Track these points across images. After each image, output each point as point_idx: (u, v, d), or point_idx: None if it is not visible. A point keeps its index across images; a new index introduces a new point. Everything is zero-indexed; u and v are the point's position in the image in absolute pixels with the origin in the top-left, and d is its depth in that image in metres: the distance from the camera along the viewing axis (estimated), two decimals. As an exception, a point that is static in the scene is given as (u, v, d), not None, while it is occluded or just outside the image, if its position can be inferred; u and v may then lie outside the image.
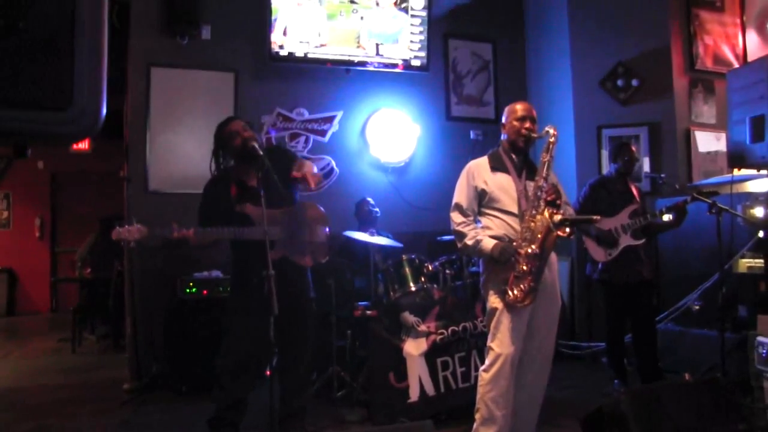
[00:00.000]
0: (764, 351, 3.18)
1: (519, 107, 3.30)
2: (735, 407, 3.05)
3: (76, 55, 1.10)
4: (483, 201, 3.24)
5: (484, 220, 3.26)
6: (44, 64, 1.07)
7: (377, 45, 5.69)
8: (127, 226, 3.21)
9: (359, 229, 4.89)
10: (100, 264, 7.28)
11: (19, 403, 4.54)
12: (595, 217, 3.46)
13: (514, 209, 3.16)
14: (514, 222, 3.15)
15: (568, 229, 3.03)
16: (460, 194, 3.28)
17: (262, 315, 3.37)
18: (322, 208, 3.64)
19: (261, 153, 3.20)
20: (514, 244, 3.06)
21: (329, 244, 3.62)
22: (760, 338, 3.23)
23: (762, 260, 4.28)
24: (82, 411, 4.33)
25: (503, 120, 3.36)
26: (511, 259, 3.02)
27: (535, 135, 3.24)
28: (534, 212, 3.06)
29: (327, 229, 3.61)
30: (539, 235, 3.01)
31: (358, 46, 5.63)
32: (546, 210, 3.03)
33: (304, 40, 5.44)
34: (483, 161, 3.31)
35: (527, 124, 3.23)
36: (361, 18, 5.60)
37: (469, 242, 3.16)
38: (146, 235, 3.22)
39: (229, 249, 3.55)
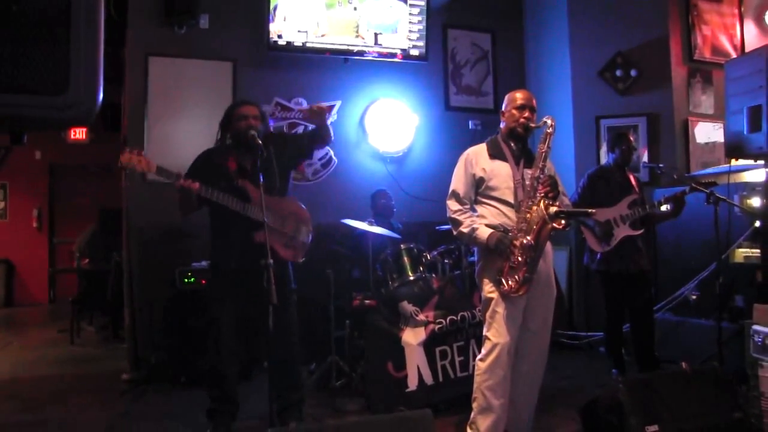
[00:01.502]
0: (759, 339, 3.20)
1: (519, 96, 3.28)
2: (731, 396, 3.07)
3: (72, 42, 1.10)
4: (480, 189, 3.24)
5: (480, 209, 3.25)
6: (40, 50, 1.08)
7: (376, 35, 5.67)
8: (137, 155, 3.16)
9: (374, 220, 4.87)
10: (99, 255, 7.27)
11: (18, 394, 4.54)
12: (591, 210, 3.45)
13: (510, 198, 3.16)
14: (510, 212, 3.15)
15: (563, 222, 3.02)
16: (458, 182, 3.27)
17: (244, 302, 3.39)
18: (307, 212, 3.66)
19: (259, 143, 3.20)
20: (510, 234, 3.06)
21: (309, 246, 3.62)
22: (756, 327, 3.25)
23: (759, 250, 4.28)
24: (81, 402, 4.33)
25: (503, 108, 3.35)
26: (506, 249, 3.02)
27: (533, 125, 3.24)
28: (530, 203, 3.06)
29: (311, 233, 3.62)
30: (534, 227, 3.00)
31: (356, 36, 5.61)
32: (542, 201, 3.03)
33: (303, 29, 5.42)
34: (481, 148, 3.31)
35: (526, 113, 3.22)
36: (355, 9, 5.58)
37: (465, 230, 3.17)
38: (153, 171, 3.18)
39: (210, 232, 3.54)
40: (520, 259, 2.99)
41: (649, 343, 4.38)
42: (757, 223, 4.32)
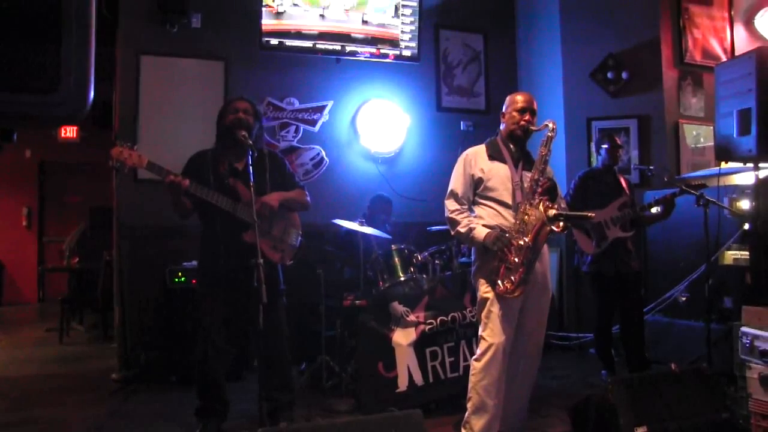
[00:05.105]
0: (748, 341, 3.22)
1: (520, 98, 3.30)
2: (720, 396, 3.09)
3: (64, 39, 1.10)
4: (478, 189, 3.25)
5: (478, 210, 3.26)
6: (31, 48, 1.07)
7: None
8: (128, 150, 3.12)
9: (369, 223, 4.83)
10: (89, 254, 7.25)
11: (6, 393, 4.51)
12: (590, 214, 3.46)
13: (508, 200, 3.17)
14: (507, 213, 3.16)
15: (561, 224, 3.03)
16: (456, 182, 3.28)
17: (232, 302, 3.38)
18: (298, 216, 3.66)
19: (250, 143, 3.19)
20: (507, 235, 3.07)
21: (297, 249, 3.61)
22: (744, 329, 3.27)
23: (747, 252, 4.31)
24: (71, 401, 4.31)
25: (503, 109, 3.36)
26: (504, 247, 3.03)
27: (533, 128, 3.25)
28: (529, 205, 3.07)
29: (300, 237, 3.61)
30: (533, 228, 3.02)
31: (349, 36, 5.59)
32: (541, 204, 3.04)
33: (295, 29, 5.41)
34: (480, 149, 3.32)
35: (527, 116, 3.24)
36: (345, 11, 5.57)
37: (462, 230, 3.17)
38: (143, 166, 3.15)
39: (201, 231, 3.53)
40: (516, 260, 3.00)
41: (639, 344, 4.40)
42: (746, 226, 4.34)
